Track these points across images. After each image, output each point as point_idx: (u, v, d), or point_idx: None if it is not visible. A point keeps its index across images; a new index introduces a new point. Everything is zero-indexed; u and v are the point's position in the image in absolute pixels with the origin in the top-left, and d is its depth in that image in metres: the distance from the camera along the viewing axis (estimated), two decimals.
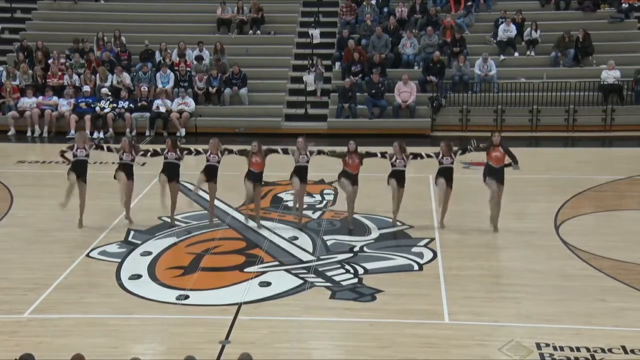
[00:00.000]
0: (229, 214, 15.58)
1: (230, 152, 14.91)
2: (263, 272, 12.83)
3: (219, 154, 14.71)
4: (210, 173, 14.72)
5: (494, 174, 14.28)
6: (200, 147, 15.12)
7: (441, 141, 14.74)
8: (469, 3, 26.69)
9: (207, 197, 15.21)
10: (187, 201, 15.81)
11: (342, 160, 14.63)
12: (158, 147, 15.20)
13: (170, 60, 24.66)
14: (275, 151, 14.87)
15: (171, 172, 14.69)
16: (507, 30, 25.24)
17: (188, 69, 24.36)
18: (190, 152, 15.02)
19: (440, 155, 14.49)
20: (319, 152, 15.05)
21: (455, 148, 14.65)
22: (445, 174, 14.45)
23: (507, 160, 14.42)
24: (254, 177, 14.62)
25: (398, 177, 14.55)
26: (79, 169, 14.62)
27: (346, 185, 14.62)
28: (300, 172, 14.68)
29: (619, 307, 11.52)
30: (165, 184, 14.68)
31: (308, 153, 14.70)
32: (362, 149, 14.81)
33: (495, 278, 12.76)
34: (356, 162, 14.51)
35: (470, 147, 14.83)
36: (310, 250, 13.78)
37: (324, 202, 16.45)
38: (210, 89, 24.00)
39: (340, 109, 23.26)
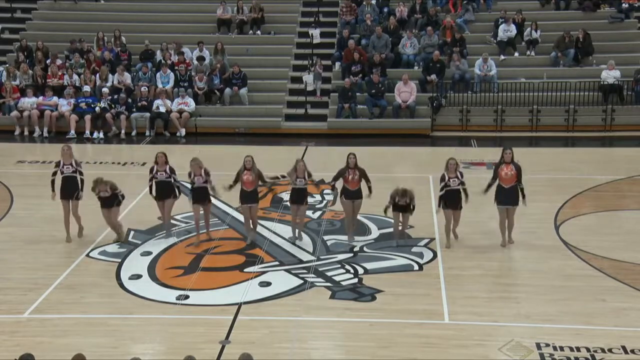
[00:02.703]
0: (229, 214, 15.58)
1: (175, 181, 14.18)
2: (263, 272, 12.84)
3: (203, 174, 13.93)
4: (200, 196, 14.00)
5: (504, 195, 13.65)
6: (185, 182, 14.44)
7: (449, 159, 13.81)
8: (465, 1, 26.74)
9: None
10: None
11: (343, 177, 14.08)
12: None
13: (170, 60, 24.65)
14: (267, 184, 14.56)
15: (163, 191, 14.09)
16: (507, 30, 25.25)
17: (189, 67, 24.38)
18: (176, 181, 14.17)
19: (447, 178, 13.58)
20: (318, 184, 14.84)
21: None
22: (452, 198, 13.59)
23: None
24: (249, 197, 14.01)
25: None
26: (68, 188, 14.10)
27: (344, 204, 14.17)
28: (298, 194, 14.06)
29: (619, 307, 11.53)
30: (162, 207, 14.21)
31: (306, 176, 14.08)
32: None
33: (495, 278, 12.77)
34: (356, 179, 13.94)
35: (487, 188, 13.94)
36: (310, 250, 13.78)
37: (324, 202, 16.44)
38: (215, 90, 23.99)
39: (340, 109, 23.26)
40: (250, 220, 14.27)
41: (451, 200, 13.65)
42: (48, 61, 24.79)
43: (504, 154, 13.74)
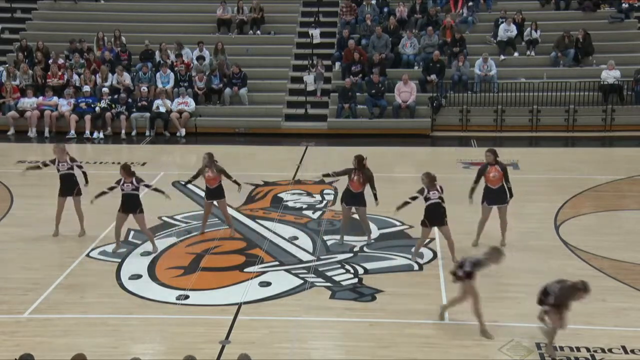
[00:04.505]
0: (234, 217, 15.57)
1: (148, 186, 13.78)
2: (263, 272, 12.83)
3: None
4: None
5: (493, 195, 13.50)
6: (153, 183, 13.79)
7: (422, 175, 12.98)
8: (470, 3, 26.72)
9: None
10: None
11: (348, 176, 13.79)
12: (113, 182, 13.72)
13: (170, 60, 24.65)
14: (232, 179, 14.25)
15: (130, 205, 13.45)
16: (508, 30, 25.25)
17: (190, 65, 24.38)
18: (148, 185, 13.73)
19: (426, 191, 12.84)
20: (325, 175, 14.60)
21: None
22: (435, 212, 12.91)
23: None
24: (212, 194, 14.08)
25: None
26: (65, 185, 14.17)
27: (343, 209, 13.99)
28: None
29: (619, 307, 11.54)
30: (124, 220, 13.66)
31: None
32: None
33: (495, 278, 12.73)
34: (361, 180, 13.65)
35: (471, 193, 13.67)
36: (310, 250, 13.78)
37: (324, 202, 16.44)
38: (214, 88, 24.00)
39: (340, 109, 23.27)
40: (224, 215, 14.38)
41: (433, 216, 12.96)
42: (50, 61, 24.79)
43: (485, 156, 13.58)
